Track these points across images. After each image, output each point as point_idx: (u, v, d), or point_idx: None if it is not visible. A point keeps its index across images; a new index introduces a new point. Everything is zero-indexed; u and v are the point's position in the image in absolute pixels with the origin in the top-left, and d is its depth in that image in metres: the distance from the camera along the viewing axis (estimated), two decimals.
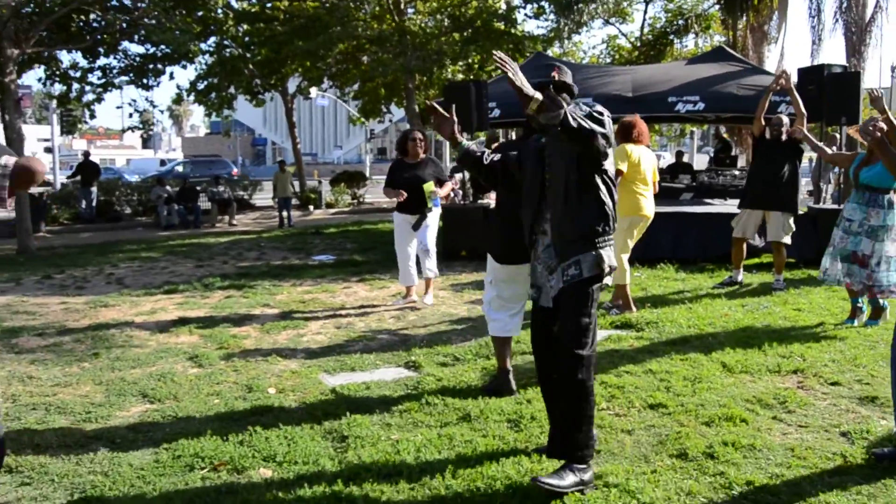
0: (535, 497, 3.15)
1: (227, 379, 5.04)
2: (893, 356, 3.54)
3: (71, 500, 3.27)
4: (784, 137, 7.59)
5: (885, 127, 4.44)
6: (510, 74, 3.16)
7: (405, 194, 7.01)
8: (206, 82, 20.89)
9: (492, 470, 3.42)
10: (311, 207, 21.23)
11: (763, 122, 7.73)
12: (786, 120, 7.72)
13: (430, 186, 7.05)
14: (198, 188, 18.58)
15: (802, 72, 9.75)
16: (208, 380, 5.01)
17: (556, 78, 3.46)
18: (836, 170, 11.34)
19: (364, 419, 4.14)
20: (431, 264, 7.37)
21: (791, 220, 7.70)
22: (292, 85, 23.36)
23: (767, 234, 7.86)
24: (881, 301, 6.06)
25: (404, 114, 21.82)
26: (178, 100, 22.89)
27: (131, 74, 19.05)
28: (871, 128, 4.57)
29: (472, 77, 18.59)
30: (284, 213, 16.83)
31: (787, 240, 7.67)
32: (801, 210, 10.30)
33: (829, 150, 6.81)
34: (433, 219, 7.35)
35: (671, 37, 22.55)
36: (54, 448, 3.85)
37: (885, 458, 3.47)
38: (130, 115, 18.67)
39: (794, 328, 6.06)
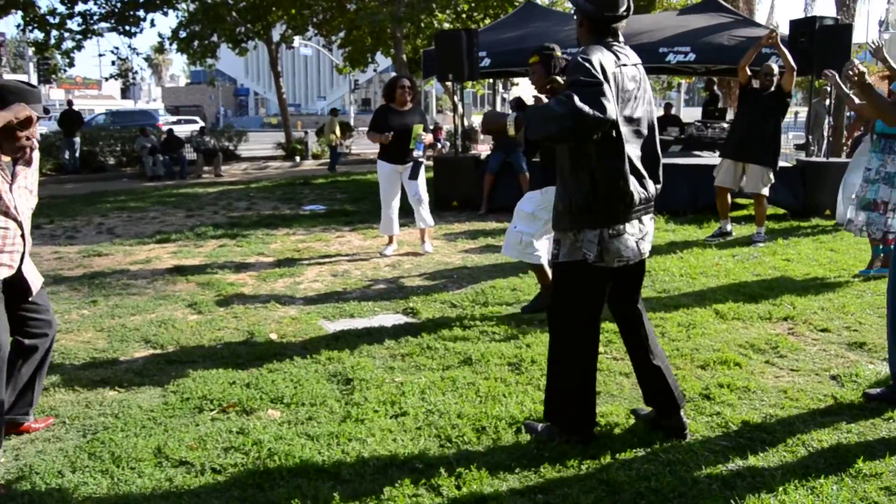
0: (541, 438, 3.25)
1: (227, 325, 5.09)
2: (890, 299, 3.63)
3: (84, 439, 3.33)
4: (773, 88, 7.54)
5: (863, 70, 4.37)
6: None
7: (389, 136, 6.98)
8: (188, 30, 20.48)
9: (496, 410, 3.51)
10: (298, 158, 21.09)
11: (749, 72, 7.64)
12: (776, 69, 7.66)
13: (419, 129, 6.96)
14: (183, 138, 18.38)
15: (794, 24, 9.72)
16: (209, 326, 5.06)
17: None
18: (828, 125, 11.40)
19: (367, 362, 4.22)
20: (426, 214, 7.39)
21: (770, 174, 7.61)
22: (277, 34, 22.97)
23: (746, 185, 7.79)
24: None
25: (391, 63, 21.59)
26: (159, 48, 22.46)
27: (112, 21, 18.69)
28: (849, 72, 4.51)
29: (460, 25, 18.39)
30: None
31: (766, 191, 7.67)
32: (790, 163, 10.41)
33: (856, 100, 6.34)
34: (422, 169, 7.32)
35: None
36: (63, 392, 3.90)
37: (875, 399, 3.60)
38: (113, 63, 18.32)
39: (784, 277, 6.18)
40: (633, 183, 2.99)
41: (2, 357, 3.01)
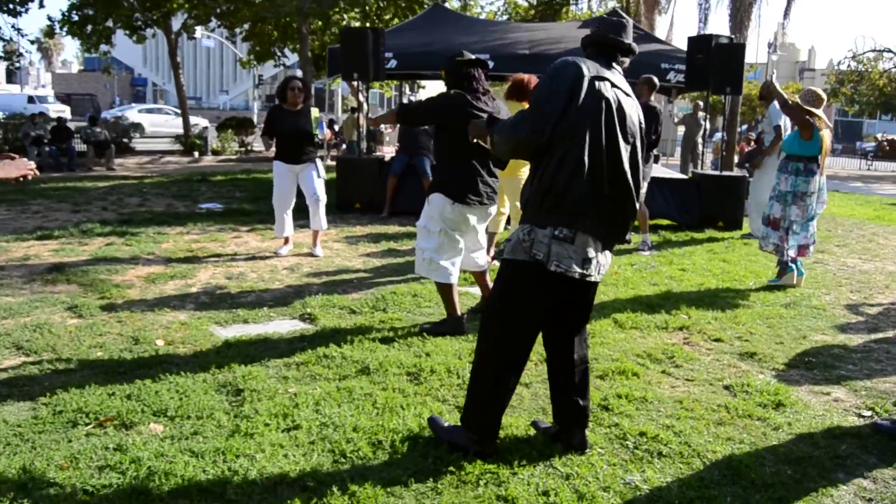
0: (439, 450, 3.16)
1: (110, 330, 4.77)
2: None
3: None
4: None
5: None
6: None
7: (272, 144, 7.15)
8: (80, 13, 19.42)
9: (393, 423, 3.39)
10: (197, 153, 20.38)
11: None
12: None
13: (315, 112, 7.14)
14: (72, 128, 17.39)
15: (692, 41, 10.05)
16: (90, 331, 4.72)
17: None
18: (718, 137, 11.86)
19: (260, 372, 4.02)
20: (322, 216, 7.24)
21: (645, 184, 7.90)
22: (177, 22, 22.11)
23: None
24: (790, 264, 6.27)
25: (297, 59, 21.13)
26: (49, 31, 21.22)
27: None
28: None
29: (369, 24, 18.19)
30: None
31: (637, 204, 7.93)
32: (687, 175, 10.75)
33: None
34: (321, 168, 7.23)
35: None
36: None
37: (886, 431, 3.50)
38: None
39: (680, 287, 6.33)
40: (583, 192, 2.90)
41: None
